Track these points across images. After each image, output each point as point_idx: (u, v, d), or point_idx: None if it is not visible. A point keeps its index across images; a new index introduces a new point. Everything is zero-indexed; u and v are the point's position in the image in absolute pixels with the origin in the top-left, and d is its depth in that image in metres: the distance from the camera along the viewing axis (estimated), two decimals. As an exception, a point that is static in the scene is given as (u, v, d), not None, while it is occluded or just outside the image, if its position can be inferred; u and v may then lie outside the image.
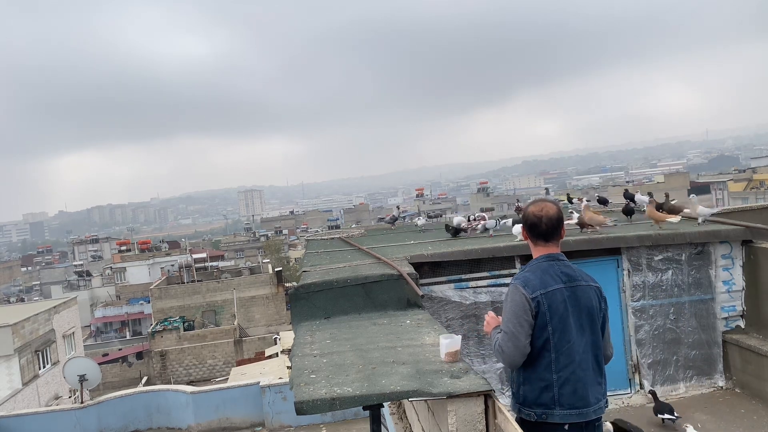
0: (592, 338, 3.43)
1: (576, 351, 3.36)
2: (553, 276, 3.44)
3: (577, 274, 3.51)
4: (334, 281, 5.98)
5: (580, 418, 3.34)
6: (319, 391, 3.63)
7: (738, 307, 7.69)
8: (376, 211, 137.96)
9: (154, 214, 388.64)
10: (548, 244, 3.56)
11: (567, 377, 3.34)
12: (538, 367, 3.39)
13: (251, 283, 45.11)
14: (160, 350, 37.04)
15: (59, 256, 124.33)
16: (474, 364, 7.20)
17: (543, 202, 3.63)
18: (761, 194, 61.30)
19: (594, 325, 3.45)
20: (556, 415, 3.34)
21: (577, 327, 3.39)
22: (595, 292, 3.49)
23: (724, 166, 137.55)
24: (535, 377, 3.39)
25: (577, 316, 3.40)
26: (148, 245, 71.62)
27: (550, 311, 3.36)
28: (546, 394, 3.36)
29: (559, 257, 3.55)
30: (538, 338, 3.37)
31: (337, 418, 14.04)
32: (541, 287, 3.39)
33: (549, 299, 3.37)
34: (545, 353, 3.37)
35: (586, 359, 3.39)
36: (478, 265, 7.45)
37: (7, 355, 24.27)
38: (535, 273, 3.47)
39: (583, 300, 3.43)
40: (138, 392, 15.79)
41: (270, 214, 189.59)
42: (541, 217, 3.51)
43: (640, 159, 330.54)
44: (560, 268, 3.49)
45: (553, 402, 3.34)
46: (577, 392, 3.34)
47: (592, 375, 3.40)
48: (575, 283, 3.45)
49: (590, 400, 3.37)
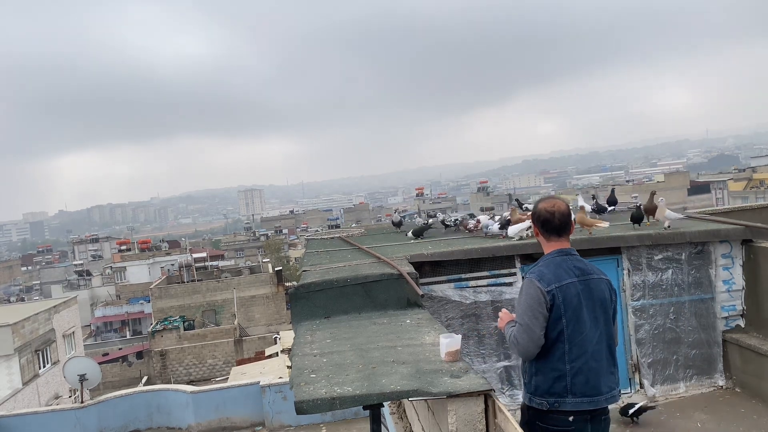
0: (605, 329, 3.55)
1: (589, 342, 3.48)
2: (567, 270, 3.55)
3: (589, 267, 3.62)
4: (334, 281, 5.98)
5: (591, 405, 3.45)
6: (319, 390, 3.63)
7: (738, 307, 7.68)
8: (376, 211, 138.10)
9: (154, 214, 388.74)
10: (561, 239, 3.66)
11: (580, 367, 3.45)
12: (551, 357, 3.49)
13: (251, 282, 45.12)
14: (160, 350, 37.04)
15: (59, 256, 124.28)
16: (474, 363, 7.19)
17: (553, 199, 3.75)
18: (761, 193, 61.25)
19: (607, 316, 3.57)
20: (568, 403, 3.45)
21: (591, 319, 3.51)
22: (606, 284, 3.61)
23: (724, 165, 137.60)
24: (549, 368, 3.49)
25: (591, 308, 3.52)
26: (148, 245, 71.61)
27: (564, 304, 3.47)
28: (559, 383, 3.46)
29: (571, 252, 3.66)
30: (553, 330, 3.48)
31: (337, 417, 14.04)
32: (556, 281, 3.50)
33: (563, 292, 3.48)
34: (559, 344, 3.47)
35: (599, 350, 3.50)
36: (478, 264, 7.44)
37: (7, 354, 24.27)
38: (549, 267, 3.57)
39: (596, 292, 3.55)
40: (138, 392, 15.79)
41: (270, 213, 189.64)
42: (554, 212, 3.62)
43: (640, 158, 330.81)
44: (573, 262, 3.60)
45: (566, 391, 3.45)
46: (589, 382, 3.45)
47: (605, 365, 3.52)
48: (588, 276, 3.57)
49: (602, 389, 3.48)
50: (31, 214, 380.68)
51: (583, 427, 3.48)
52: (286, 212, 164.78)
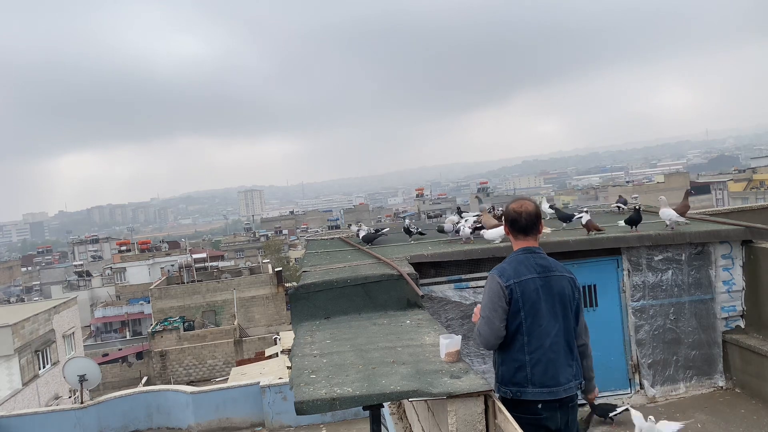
0: (564, 324, 3.72)
1: (547, 335, 3.66)
2: (528, 267, 3.75)
3: (552, 265, 3.81)
4: (334, 281, 5.98)
5: (550, 396, 3.63)
6: (319, 391, 3.63)
7: (738, 307, 7.69)
8: (376, 211, 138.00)
9: (154, 214, 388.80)
10: (527, 238, 3.86)
11: (539, 358, 3.64)
12: (512, 349, 3.70)
13: (251, 283, 45.13)
14: (160, 350, 37.05)
15: (59, 256, 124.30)
16: (474, 364, 7.19)
17: (522, 200, 4.00)
18: (761, 194, 61.35)
19: (566, 311, 3.74)
20: (528, 392, 3.64)
21: (550, 313, 3.69)
22: (568, 281, 3.80)
23: (724, 166, 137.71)
24: (510, 358, 3.71)
25: (551, 303, 3.70)
26: (148, 245, 71.73)
27: (522, 298, 3.67)
28: (520, 373, 3.66)
29: (536, 250, 3.85)
30: (512, 323, 3.69)
31: (337, 418, 14.04)
32: (515, 276, 3.71)
33: (522, 287, 3.68)
34: (519, 336, 3.68)
35: (557, 342, 3.68)
36: (478, 265, 7.44)
37: (7, 355, 24.29)
38: (511, 264, 3.80)
39: (556, 288, 3.73)
40: (138, 392, 15.79)
41: (270, 214, 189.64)
42: (521, 213, 3.84)
43: (640, 159, 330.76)
44: (536, 260, 3.79)
45: (526, 381, 3.64)
46: (548, 372, 3.63)
47: (563, 357, 3.69)
48: (549, 273, 3.76)
49: (561, 380, 3.65)
50: (31, 215, 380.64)
51: (552, 415, 3.65)
52: (286, 213, 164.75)
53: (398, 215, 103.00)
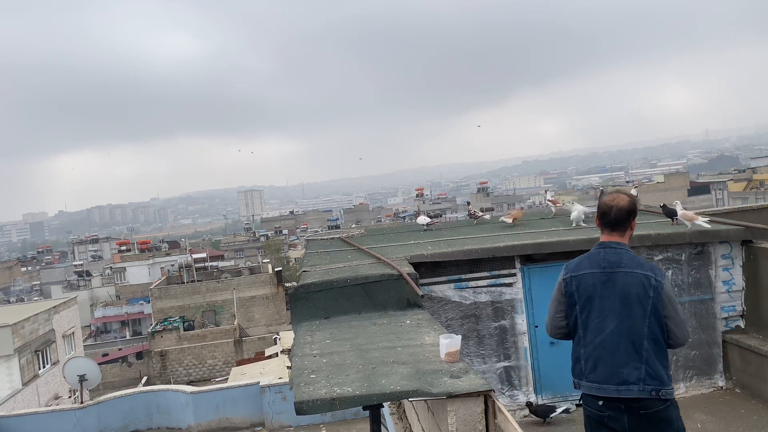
0: (628, 322, 3.51)
1: (601, 330, 3.55)
2: (592, 261, 3.66)
3: (623, 261, 3.60)
4: (334, 281, 5.98)
5: (599, 392, 3.51)
6: (319, 391, 3.63)
7: (738, 307, 7.69)
8: (376, 211, 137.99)
9: (154, 214, 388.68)
10: (612, 233, 3.71)
11: (590, 353, 3.58)
12: (575, 341, 3.70)
13: (251, 283, 45.11)
14: (160, 350, 37.05)
15: (59, 257, 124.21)
16: (474, 364, 7.19)
17: (618, 193, 3.81)
18: (761, 194, 61.37)
19: (631, 310, 3.52)
20: (583, 385, 3.62)
21: (609, 309, 3.55)
22: (642, 279, 3.54)
23: (724, 166, 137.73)
24: (574, 350, 3.72)
25: (612, 299, 3.55)
26: (148, 245, 71.76)
27: (578, 292, 3.63)
28: (577, 365, 3.66)
29: (612, 245, 3.67)
30: (571, 316, 3.68)
31: (337, 418, 14.03)
32: (575, 270, 3.69)
33: (578, 281, 3.64)
34: (578, 330, 3.66)
35: (613, 341, 3.51)
36: (478, 265, 7.44)
37: (7, 355, 24.26)
38: (581, 258, 3.76)
39: (620, 285, 3.55)
40: (138, 392, 15.78)
41: (270, 214, 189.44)
42: (612, 207, 3.69)
43: (640, 159, 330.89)
44: (605, 254, 3.65)
45: (581, 374, 3.63)
46: (597, 369, 3.54)
47: (622, 357, 3.49)
48: (616, 269, 3.59)
49: (613, 379, 3.49)
50: (31, 215, 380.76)
51: (618, 417, 3.46)
52: (286, 213, 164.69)
53: (398, 215, 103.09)
